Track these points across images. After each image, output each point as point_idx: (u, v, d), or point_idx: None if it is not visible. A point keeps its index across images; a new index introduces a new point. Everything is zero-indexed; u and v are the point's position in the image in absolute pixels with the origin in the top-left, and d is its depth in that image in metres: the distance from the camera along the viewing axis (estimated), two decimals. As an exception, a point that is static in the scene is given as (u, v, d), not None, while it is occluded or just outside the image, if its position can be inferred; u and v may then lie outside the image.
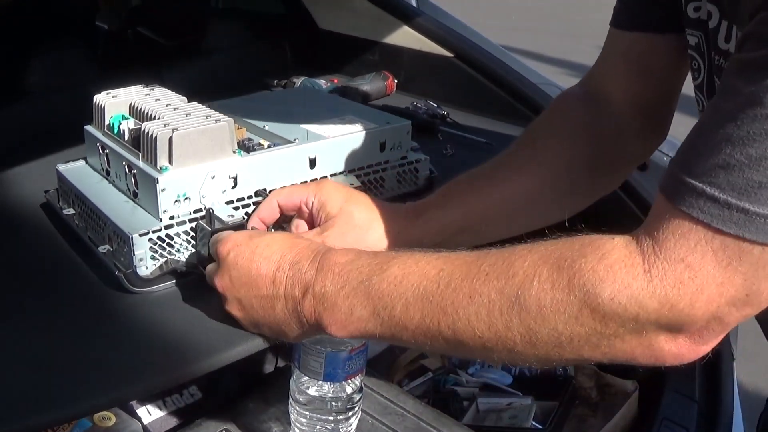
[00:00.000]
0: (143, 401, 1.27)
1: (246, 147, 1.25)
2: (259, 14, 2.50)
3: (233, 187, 1.22)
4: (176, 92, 2.01)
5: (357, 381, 1.10)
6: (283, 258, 0.97)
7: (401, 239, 1.15)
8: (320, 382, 1.07)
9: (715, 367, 1.42)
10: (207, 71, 2.19)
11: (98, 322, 1.11)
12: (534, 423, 1.54)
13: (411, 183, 1.42)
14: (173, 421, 1.25)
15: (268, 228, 1.19)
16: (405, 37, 2.04)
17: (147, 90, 1.36)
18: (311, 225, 1.17)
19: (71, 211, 1.31)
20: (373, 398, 1.22)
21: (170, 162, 1.16)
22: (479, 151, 1.69)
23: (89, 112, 1.36)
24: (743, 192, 0.71)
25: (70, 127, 1.40)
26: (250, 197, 1.23)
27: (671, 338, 0.78)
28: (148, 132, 1.17)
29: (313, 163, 1.29)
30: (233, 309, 1.03)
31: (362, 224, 1.14)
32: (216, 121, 1.20)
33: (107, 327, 1.09)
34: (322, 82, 1.96)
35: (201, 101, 1.34)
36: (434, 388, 1.65)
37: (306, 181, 1.28)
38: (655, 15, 1.12)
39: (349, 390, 1.09)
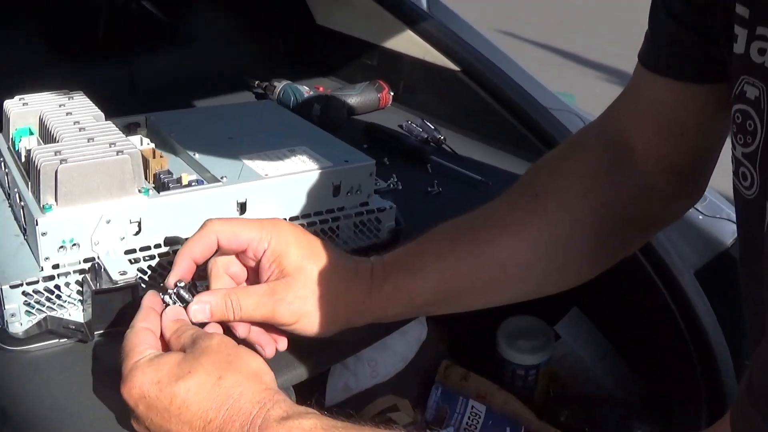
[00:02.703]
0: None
1: (161, 183, 1.03)
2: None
3: (136, 234, 1.00)
4: (155, 78, 1.85)
5: None
6: (208, 425, 0.76)
7: (366, 310, 0.95)
8: None
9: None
10: (190, 58, 2.00)
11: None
12: None
13: (371, 235, 1.19)
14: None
15: (197, 267, 0.95)
16: (408, 43, 1.81)
17: (64, 99, 1.15)
18: (252, 273, 0.95)
19: (-33, 233, 1.11)
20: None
21: (56, 200, 0.95)
22: (473, 190, 1.45)
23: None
24: None
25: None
26: (158, 246, 1.02)
27: None
28: (34, 160, 0.96)
29: (243, 207, 1.07)
30: None
31: (322, 291, 0.91)
32: (118, 152, 0.98)
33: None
34: (305, 89, 1.73)
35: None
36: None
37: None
38: (694, 59, 0.86)
39: None
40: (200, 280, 0.94)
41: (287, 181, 1.10)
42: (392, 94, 1.82)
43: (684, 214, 1.06)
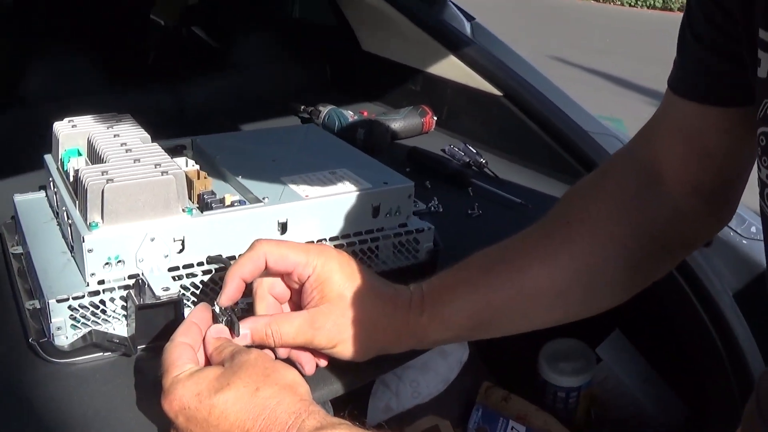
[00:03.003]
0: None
1: (205, 203, 1.06)
2: (304, 27, 2.33)
3: (180, 252, 1.03)
4: (203, 104, 1.89)
5: None
6: None
7: (403, 338, 0.98)
8: None
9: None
10: (237, 84, 2.04)
11: (3, 391, 0.94)
12: None
13: (410, 256, 1.21)
14: None
15: (246, 285, 0.97)
16: (451, 68, 1.83)
17: (112, 121, 1.18)
18: (295, 294, 0.98)
19: (19, 249, 1.15)
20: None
21: (102, 218, 0.98)
22: (512, 212, 1.47)
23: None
24: None
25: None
26: (200, 264, 1.04)
27: None
28: (81, 180, 1.00)
29: (284, 227, 1.09)
30: None
31: (360, 319, 0.94)
32: (163, 173, 1.01)
33: (12, 398, 0.93)
34: (350, 114, 1.75)
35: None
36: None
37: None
38: (720, 83, 0.87)
39: None
40: (243, 297, 0.96)
41: (327, 202, 1.12)
42: (435, 118, 1.84)
43: (714, 236, 1.06)
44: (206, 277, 1.05)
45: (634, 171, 1.01)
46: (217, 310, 0.95)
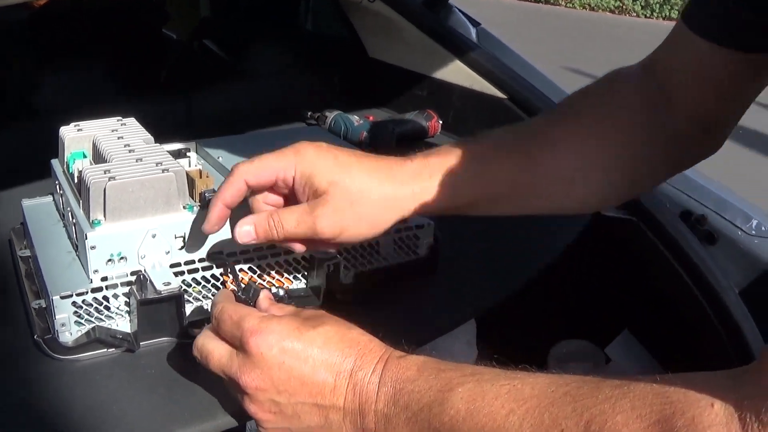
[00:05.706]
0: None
1: (206, 201, 1.07)
2: (312, 36, 2.35)
3: (181, 248, 1.04)
4: (212, 113, 1.90)
5: None
6: (345, 362, 0.82)
7: (405, 210, 0.98)
8: None
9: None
10: (247, 93, 2.05)
11: (9, 387, 0.96)
12: None
13: (410, 252, 1.22)
14: None
15: (232, 211, 0.99)
16: (457, 73, 1.84)
17: (116, 125, 1.20)
18: (290, 201, 0.99)
19: (27, 252, 1.16)
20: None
21: (104, 215, 1.00)
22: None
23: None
24: None
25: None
26: (201, 260, 1.06)
27: None
28: (84, 178, 1.01)
29: (284, 223, 1.10)
30: (261, 410, 0.85)
31: (359, 198, 0.94)
32: (164, 171, 1.02)
33: (18, 394, 0.95)
34: (356, 119, 1.77)
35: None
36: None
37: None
38: (743, 29, 0.88)
39: None
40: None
41: (327, 198, 1.13)
42: (441, 122, 1.85)
43: (699, 162, 1.08)
44: (208, 273, 1.06)
45: (644, 89, 1.02)
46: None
